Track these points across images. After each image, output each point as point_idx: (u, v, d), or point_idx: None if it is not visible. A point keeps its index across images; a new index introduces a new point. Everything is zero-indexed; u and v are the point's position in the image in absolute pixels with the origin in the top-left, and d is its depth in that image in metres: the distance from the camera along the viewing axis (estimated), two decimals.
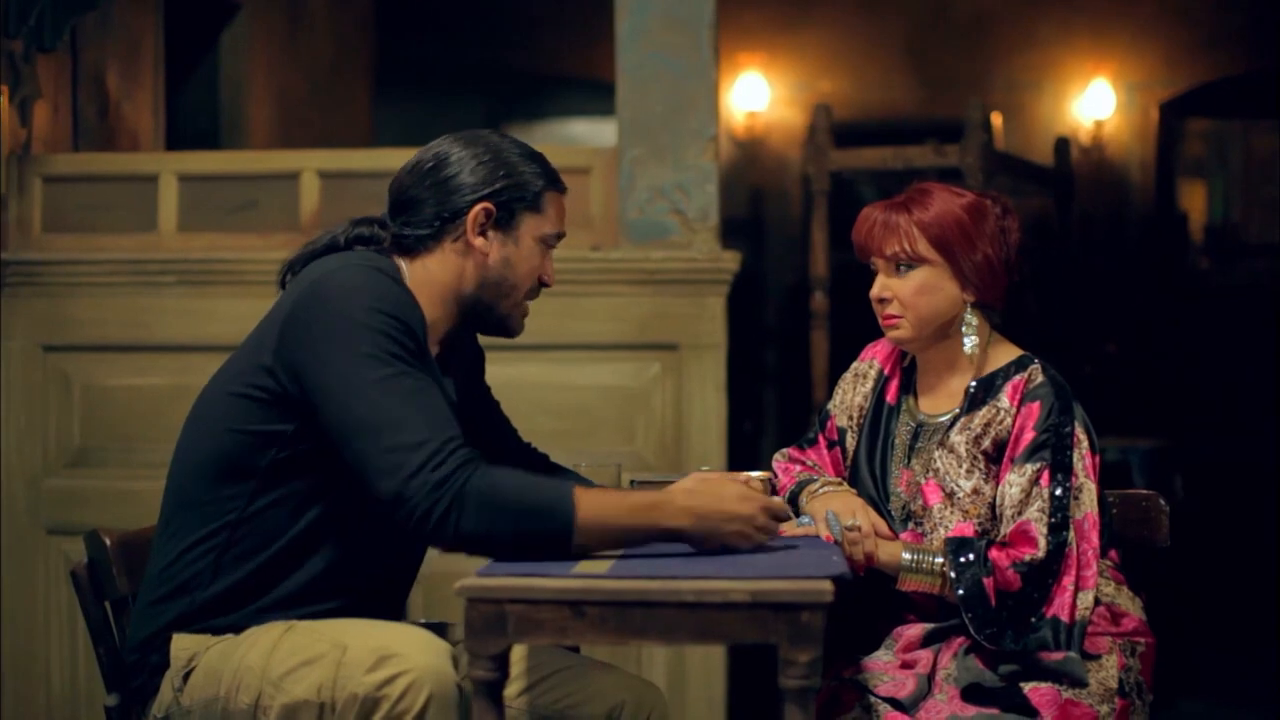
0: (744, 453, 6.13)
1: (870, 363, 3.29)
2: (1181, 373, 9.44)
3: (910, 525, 3.08)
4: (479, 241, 2.94)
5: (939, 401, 3.15)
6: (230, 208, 5.01)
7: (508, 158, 2.96)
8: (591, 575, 2.61)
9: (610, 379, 4.70)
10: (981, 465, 3.01)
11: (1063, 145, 8.17)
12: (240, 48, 7.43)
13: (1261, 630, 6.53)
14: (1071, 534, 2.93)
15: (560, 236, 3.05)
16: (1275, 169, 10.00)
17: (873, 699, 2.96)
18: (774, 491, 3.24)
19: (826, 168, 6.45)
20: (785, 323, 9.63)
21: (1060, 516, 2.93)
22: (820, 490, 3.16)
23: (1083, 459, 2.99)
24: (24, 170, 5.04)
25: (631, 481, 3.21)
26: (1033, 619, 2.91)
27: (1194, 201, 10.34)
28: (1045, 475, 2.95)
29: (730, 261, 4.72)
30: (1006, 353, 3.13)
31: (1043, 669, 2.90)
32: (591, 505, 2.73)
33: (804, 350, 6.44)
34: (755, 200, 10.16)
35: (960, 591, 2.91)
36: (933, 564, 2.95)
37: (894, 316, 3.09)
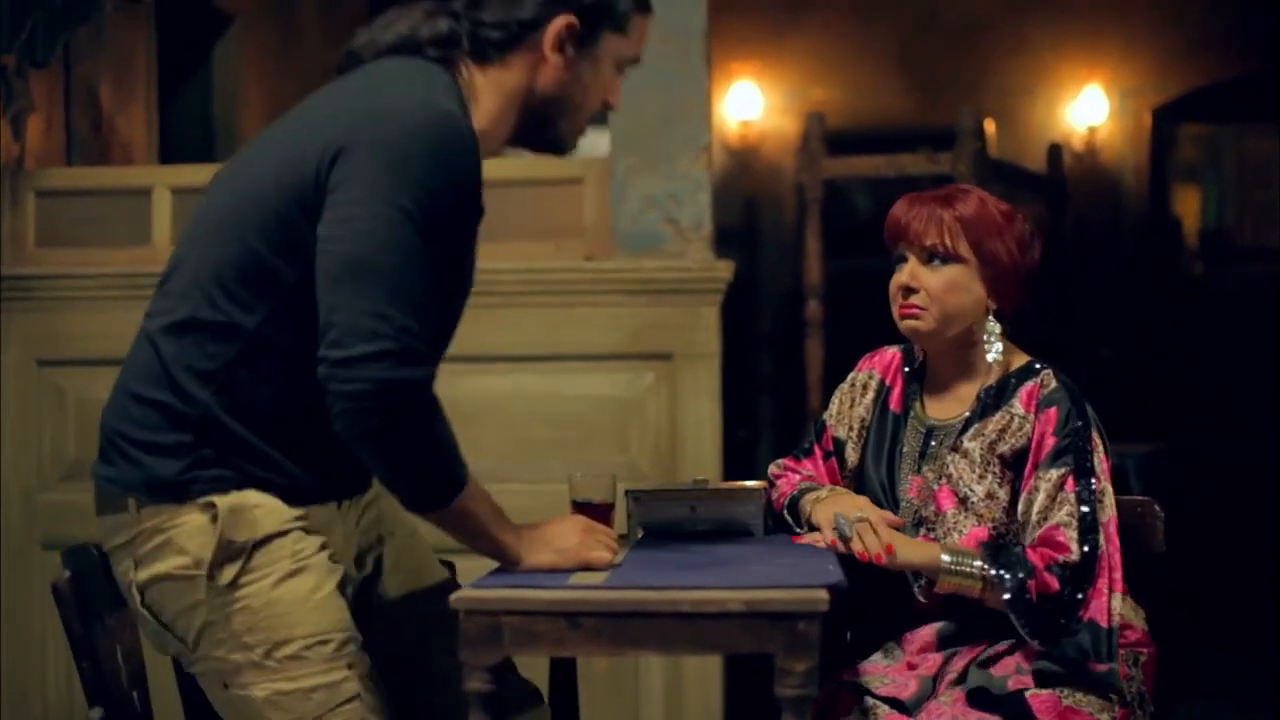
0: (739, 461, 6.13)
1: (869, 373, 3.26)
2: (1177, 377, 9.45)
3: (922, 531, 3.05)
4: (554, 57, 2.78)
5: (949, 406, 3.12)
6: None
7: None
8: (588, 586, 2.61)
9: (605, 389, 4.70)
10: (996, 470, 2.99)
11: (1056, 151, 8.20)
12: (233, 59, 7.43)
13: (1261, 631, 6.53)
14: (1102, 537, 2.92)
15: (637, 61, 2.90)
16: (1269, 173, 10.02)
17: (871, 701, 2.95)
18: (769, 503, 3.24)
19: (820, 176, 6.46)
20: (779, 330, 9.63)
21: (1089, 520, 2.91)
22: (825, 496, 3.14)
23: (1102, 462, 2.98)
24: (17, 185, 5.04)
25: (627, 492, 3.21)
26: (1070, 621, 2.88)
27: (1188, 206, 10.35)
28: (1070, 480, 2.93)
29: (724, 270, 4.72)
30: (1016, 359, 3.11)
31: (1090, 680, 2.88)
32: (475, 494, 2.68)
33: (798, 358, 6.46)
34: (749, 209, 10.17)
35: (1007, 596, 2.87)
36: (972, 566, 2.90)
37: (917, 308, 3.05)
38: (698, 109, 4.81)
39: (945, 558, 2.91)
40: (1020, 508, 2.96)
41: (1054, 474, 2.93)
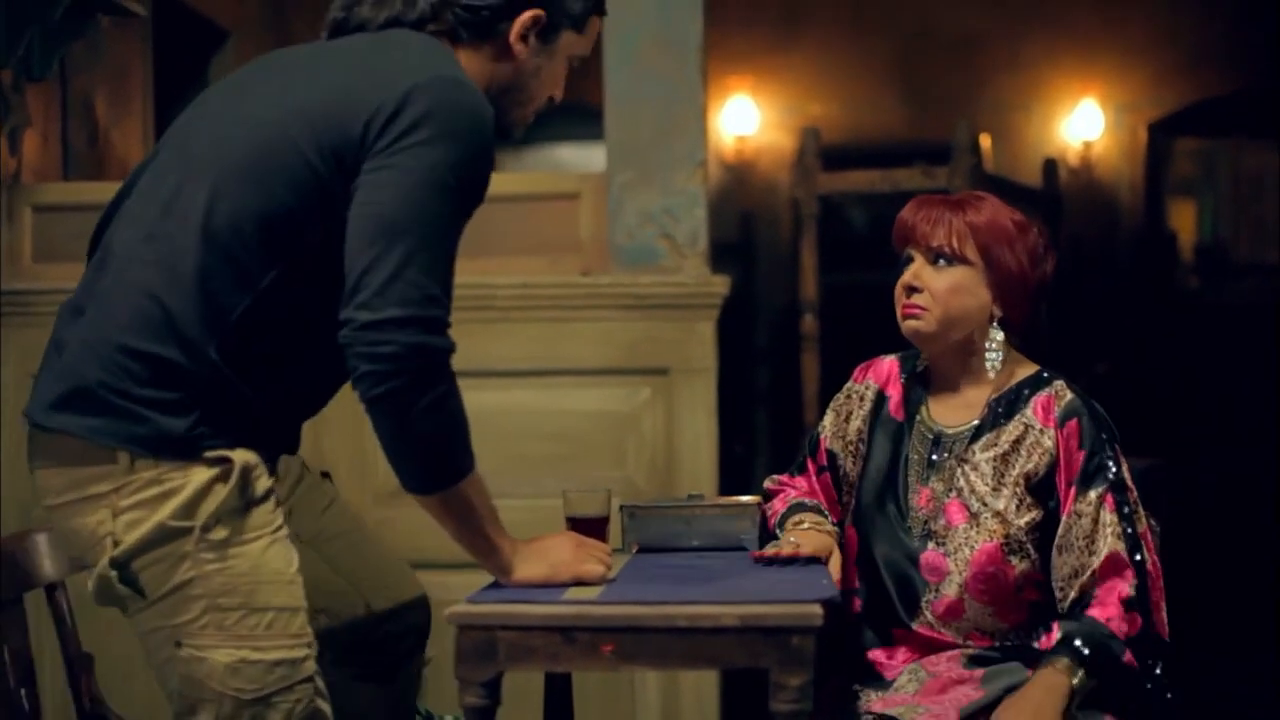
0: (735, 476, 6.13)
1: (866, 384, 3.23)
2: (1174, 391, 9.46)
3: (931, 545, 2.99)
4: (518, 47, 2.89)
5: (957, 412, 3.09)
6: None
7: None
8: (583, 601, 2.61)
9: (600, 404, 4.70)
10: (1018, 491, 2.94)
11: (1051, 166, 8.19)
12: (229, 75, 7.44)
13: (1261, 644, 6.54)
14: (1146, 549, 2.89)
15: (584, 59, 3.03)
16: (1264, 188, 10.04)
17: None
18: (763, 519, 3.24)
19: (815, 191, 6.47)
20: (776, 345, 9.64)
21: (1132, 537, 2.88)
22: (806, 528, 3.13)
23: (1128, 471, 2.95)
24: (14, 200, 5.04)
25: (622, 507, 3.22)
26: (1162, 656, 2.86)
27: (1183, 221, 10.37)
28: (1109, 499, 2.89)
29: (720, 286, 4.73)
30: (1025, 368, 3.08)
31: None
32: (477, 485, 2.71)
33: (794, 373, 6.46)
34: (745, 224, 10.18)
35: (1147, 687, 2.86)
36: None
37: (919, 308, 3.02)
38: (694, 124, 4.82)
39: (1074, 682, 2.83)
40: (1060, 531, 2.91)
41: (1092, 495, 2.90)
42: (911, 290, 3.03)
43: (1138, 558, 2.86)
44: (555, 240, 4.82)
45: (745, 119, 10.16)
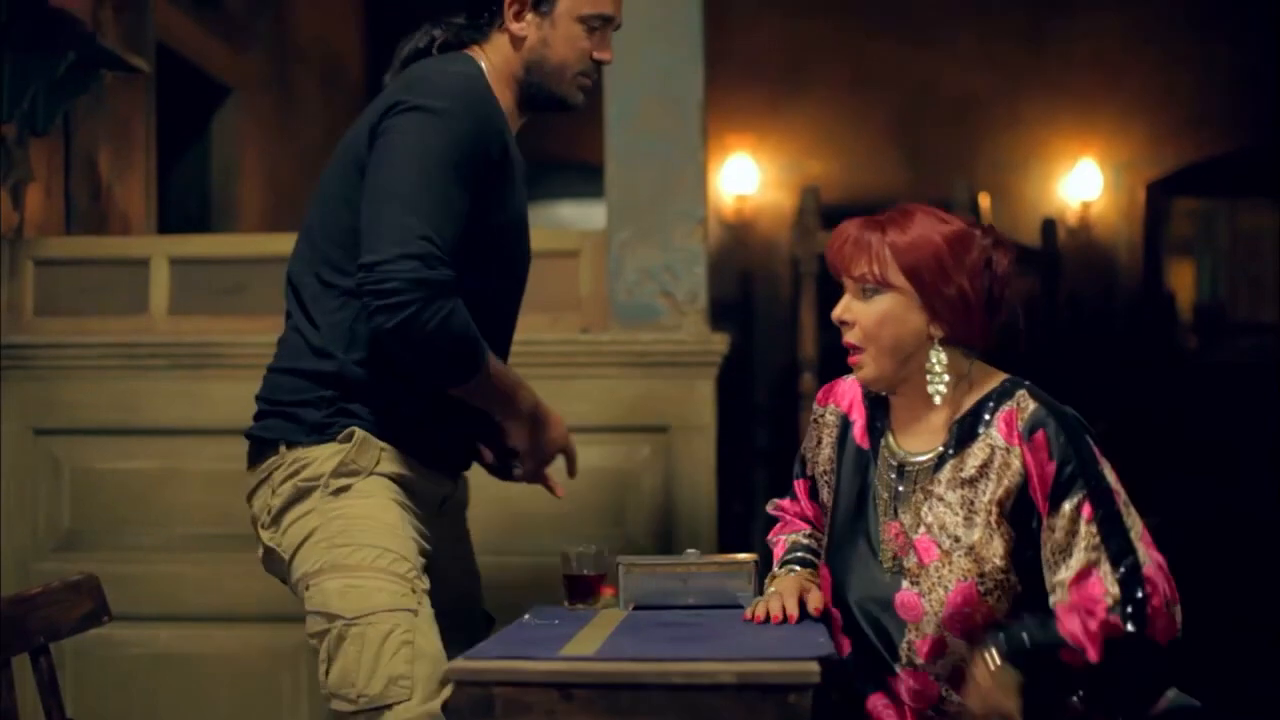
0: (734, 534, 6.13)
1: (829, 409, 3.13)
2: (1173, 450, 9.46)
3: (905, 583, 2.86)
4: (516, 26, 3.17)
5: (920, 439, 2.95)
6: (221, 291, 5.02)
7: None
8: (580, 657, 2.61)
9: (600, 461, 4.69)
10: (990, 520, 2.81)
11: (1050, 226, 8.23)
12: (231, 131, 7.47)
13: (1267, 704, 6.53)
14: (1143, 550, 2.74)
15: (605, 18, 3.23)
16: (1261, 247, 10.06)
17: None
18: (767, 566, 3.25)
19: (814, 250, 6.49)
20: (775, 403, 9.64)
21: (1118, 540, 2.74)
22: (783, 575, 3.12)
23: (1110, 471, 2.83)
24: (16, 253, 5.05)
25: (619, 564, 3.22)
26: (1158, 662, 2.75)
27: (1181, 280, 10.39)
28: (1087, 507, 2.76)
29: (719, 343, 4.73)
30: (987, 380, 2.94)
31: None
32: (490, 359, 3.06)
33: (793, 431, 6.46)
34: (744, 282, 10.20)
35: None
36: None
37: (856, 350, 2.91)
38: (694, 182, 4.83)
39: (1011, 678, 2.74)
40: (1043, 550, 2.79)
41: (1067, 507, 2.76)
42: (842, 324, 2.93)
43: (1123, 566, 2.71)
44: (555, 298, 4.83)
45: (745, 178, 10.19)
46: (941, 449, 2.91)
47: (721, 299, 5.92)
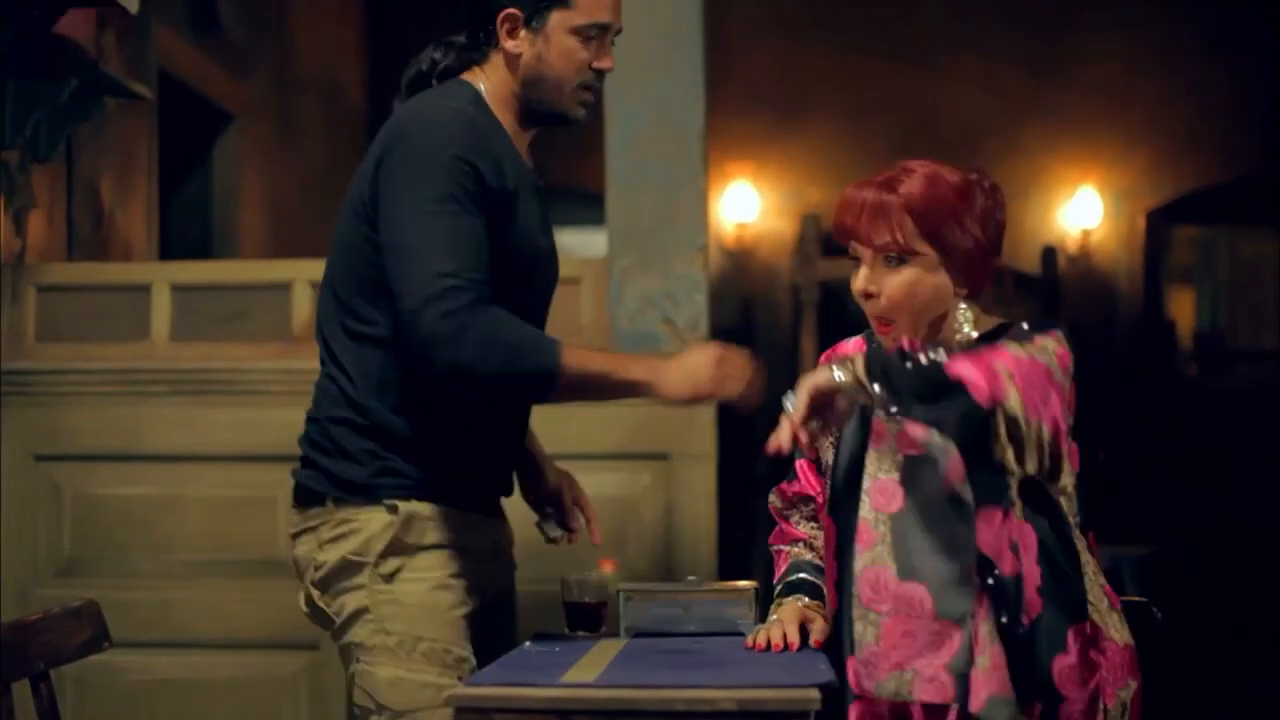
0: (735, 562, 6.12)
1: None
2: (1173, 478, 9.46)
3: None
4: (510, 45, 3.15)
5: None
6: (222, 317, 5.03)
7: None
8: (580, 684, 2.62)
9: (601, 489, 4.67)
10: None
11: (1050, 253, 8.24)
12: (232, 157, 7.49)
13: None
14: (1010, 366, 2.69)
15: (601, 27, 3.17)
16: (1261, 275, 10.08)
17: None
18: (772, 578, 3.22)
19: (815, 277, 6.51)
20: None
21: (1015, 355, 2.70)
22: (784, 600, 3.10)
23: (1053, 355, 2.75)
24: (18, 280, 5.06)
25: (619, 591, 3.22)
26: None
27: (1181, 308, 10.39)
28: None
29: None
30: (987, 322, 2.94)
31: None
32: (577, 355, 2.98)
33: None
34: (745, 309, 10.20)
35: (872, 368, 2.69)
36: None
37: (886, 323, 2.90)
38: (695, 210, 4.84)
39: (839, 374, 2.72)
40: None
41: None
42: (868, 296, 2.90)
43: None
44: (556, 324, 4.78)
45: (746, 205, 10.20)
46: None
47: (722, 326, 5.91)
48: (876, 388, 2.69)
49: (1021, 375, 2.69)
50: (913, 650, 2.69)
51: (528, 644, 3.15)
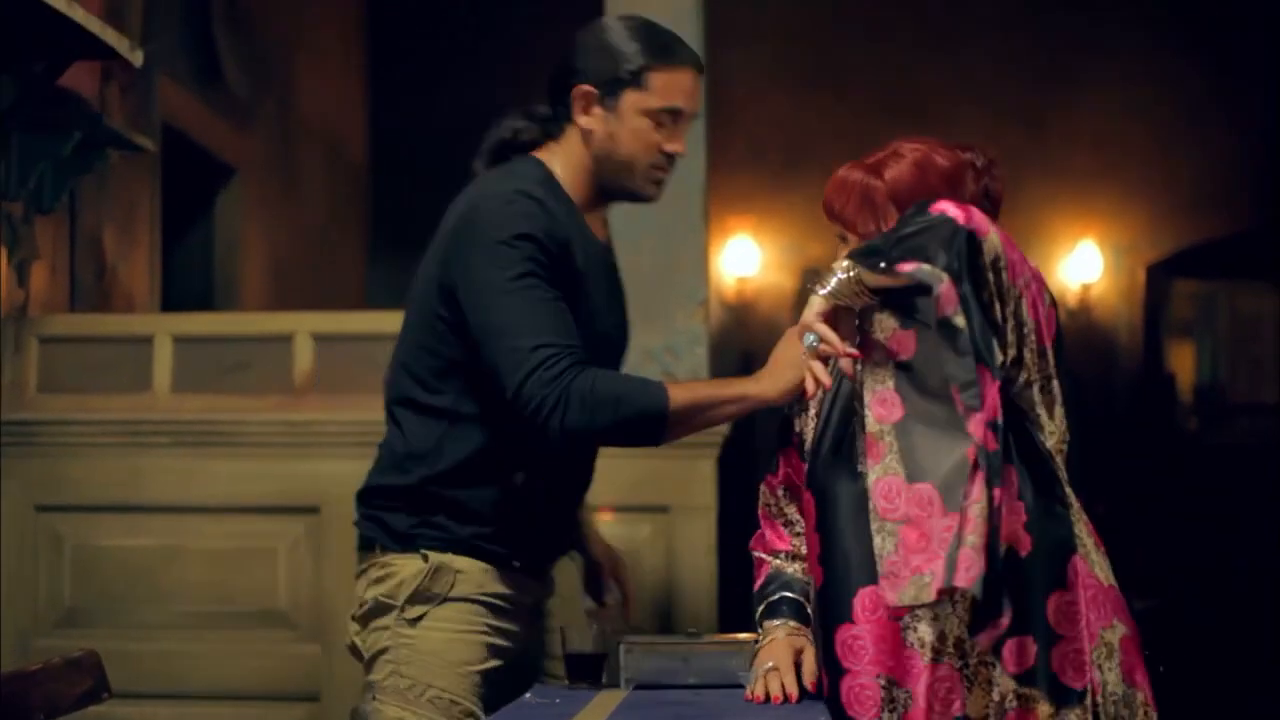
0: (736, 614, 6.11)
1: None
2: (1173, 532, 9.45)
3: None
4: (584, 120, 3.20)
5: None
6: (224, 369, 5.04)
7: (609, 39, 3.20)
8: None
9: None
10: None
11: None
12: (235, 210, 7.51)
13: None
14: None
15: (674, 112, 3.21)
16: (1261, 329, 10.09)
17: None
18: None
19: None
20: None
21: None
22: (764, 643, 3.06)
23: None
24: (20, 331, 5.07)
25: (619, 643, 3.22)
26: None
27: (1182, 362, 10.40)
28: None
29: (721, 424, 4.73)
30: None
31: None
32: (679, 389, 3.10)
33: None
34: (745, 363, 10.19)
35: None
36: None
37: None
38: (696, 263, 4.85)
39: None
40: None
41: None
42: None
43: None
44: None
45: (746, 259, 10.22)
46: None
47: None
48: (863, 267, 2.70)
49: (1004, 238, 2.78)
50: (930, 553, 2.68)
51: (528, 695, 3.15)
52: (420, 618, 3.19)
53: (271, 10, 7.93)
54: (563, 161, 3.24)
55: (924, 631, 2.76)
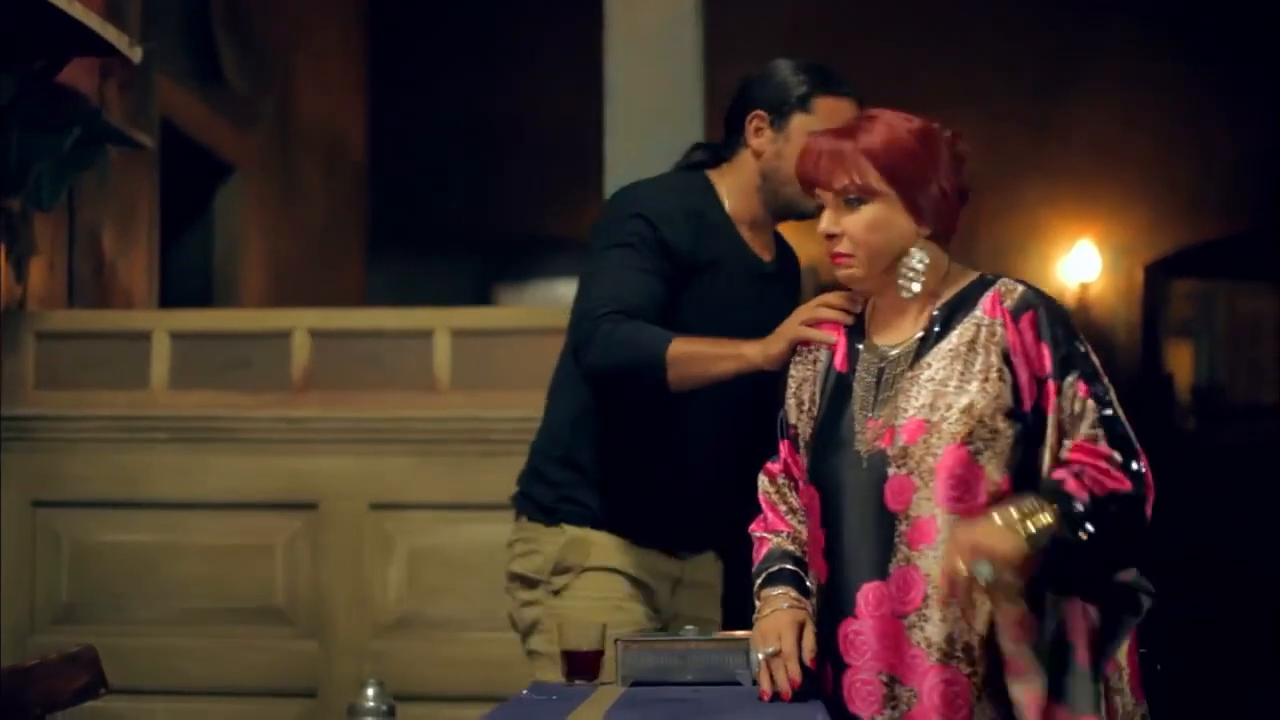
0: (734, 612, 6.10)
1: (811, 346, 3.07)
2: (1171, 533, 9.44)
3: (891, 470, 2.82)
4: (755, 142, 3.51)
5: (903, 330, 2.94)
6: (222, 366, 5.04)
7: (778, 73, 3.53)
8: None
9: None
10: (979, 381, 2.80)
11: None
12: (233, 209, 7.52)
13: None
14: (1131, 432, 2.81)
15: None
16: (1260, 329, 10.10)
17: None
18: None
19: None
20: None
21: (1111, 414, 2.82)
22: (766, 614, 3.02)
23: (1099, 366, 2.87)
24: (18, 326, 5.07)
25: (616, 640, 3.22)
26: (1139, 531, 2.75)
27: (1180, 363, 10.41)
28: (1082, 386, 2.81)
29: None
30: (964, 274, 2.95)
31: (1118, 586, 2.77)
32: (683, 341, 3.24)
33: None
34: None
35: (1079, 509, 2.71)
36: (1039, 511, 2.70)
37: (845, 255, 2.91)
38: None
39: (1014, 514, 2.70)
40: (1048, 428, 2.80)
41: (1066, 385, 2.81)
42: (830, 237, 2.93)
43: (1120, 437, 2.80)
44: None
45: None
46: (922, 334, 2.90)
47: None
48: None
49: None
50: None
51: (524, 692, 3.15)
52: (564, 589, 3.50)
53: (271, 9, 7.93)
54: (731, 179, 3.55)
55: (931, 631, 2.77)
